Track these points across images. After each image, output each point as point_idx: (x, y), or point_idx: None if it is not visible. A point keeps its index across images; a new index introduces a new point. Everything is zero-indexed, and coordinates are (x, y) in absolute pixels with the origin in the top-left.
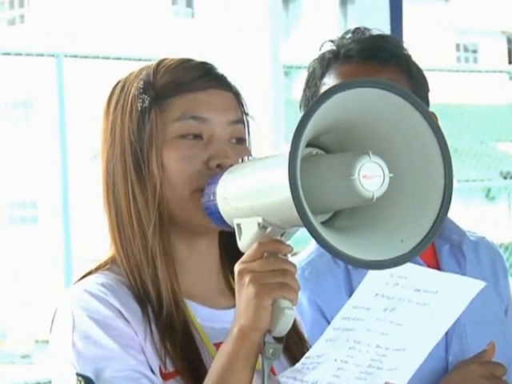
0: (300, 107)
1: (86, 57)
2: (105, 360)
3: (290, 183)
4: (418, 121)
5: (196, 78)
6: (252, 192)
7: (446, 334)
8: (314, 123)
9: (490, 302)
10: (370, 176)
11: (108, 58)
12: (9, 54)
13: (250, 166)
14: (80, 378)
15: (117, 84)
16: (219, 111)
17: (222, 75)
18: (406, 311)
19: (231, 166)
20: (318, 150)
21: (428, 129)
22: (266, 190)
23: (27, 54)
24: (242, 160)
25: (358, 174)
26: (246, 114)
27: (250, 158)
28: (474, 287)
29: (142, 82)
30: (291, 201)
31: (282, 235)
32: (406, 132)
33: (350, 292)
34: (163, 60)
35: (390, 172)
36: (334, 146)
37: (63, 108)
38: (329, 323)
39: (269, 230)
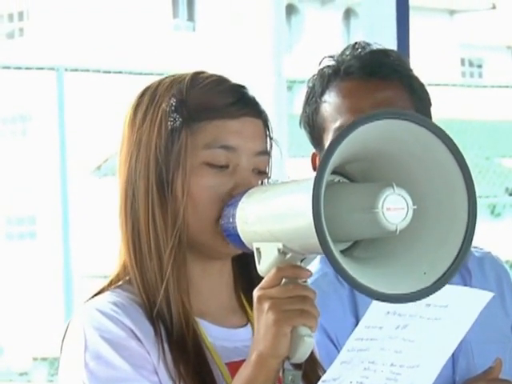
0: (300, 123)
1: (87, 70)
2: (117, 381)
3: (313, 212)
4: (443, 154)
5: (230, 104)
6: (273, 217)
7: (453, 353)
8: (340, 152)
9: (497, 320)
10: (394, 208)
11: (109, 72)
12: (8, 67)
13: (270, 191)
14: None
15: (144, 92)
16: (248, 140)
17: (254, 100)
18: (418, 327)
19: (250, 188)
20: (341, 178)
21: (454, 162)
22: (288, 216)
23: (27, 68)
24: (262, 182)
25: (382, 207)
26: (271, 139)
27: (269, 181)
28: (482, 298)
29: (174, 100)
30: (313, 229)
31: (301, 261)
32: (431, 164)
33: (355, 312)
34: (197, 75)
35: (413, 204)
36: (359, 174)
37: (63, 122)
38: (333, 344)
39: (289, 256)
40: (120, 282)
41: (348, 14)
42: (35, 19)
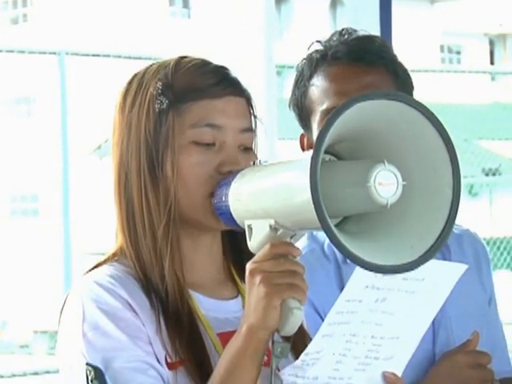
0: (289, 106)
1: (87, 55)
2: (114, 351)
3: (311, 186)
4: (431, 134)
5: (213, 84)
6: (267, 194)
7: (433, 327)
8: (332, 131)
9: (475, 294)
10: (386, 183)
11: (108, 56)
12: (12, 51)
13: (263, 170)
14: (90, 368)
15: (132, 79)
16: (233, 118)
17: (236, 80)
18: (396, 300)
19: (243, 169)
20: (331, 157)
21: (440, 142)
22: (284, 192)
23: (30, 52)
24: (254, 163)
25: (374, 182)
26: (255, 117)
27: (261, 162)
28: (457, 271)
29: (160, 83)
30: (309, 204)
31: (291, 237)
32: (418, 143)
33: (341, 286)
34: (181, 59)
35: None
36: (347, 153)
37: (65, 104)
38: (321, 317)
39: (280, 232)
40: (116, 257)
41: (334, 3)
42: (38, 5)
